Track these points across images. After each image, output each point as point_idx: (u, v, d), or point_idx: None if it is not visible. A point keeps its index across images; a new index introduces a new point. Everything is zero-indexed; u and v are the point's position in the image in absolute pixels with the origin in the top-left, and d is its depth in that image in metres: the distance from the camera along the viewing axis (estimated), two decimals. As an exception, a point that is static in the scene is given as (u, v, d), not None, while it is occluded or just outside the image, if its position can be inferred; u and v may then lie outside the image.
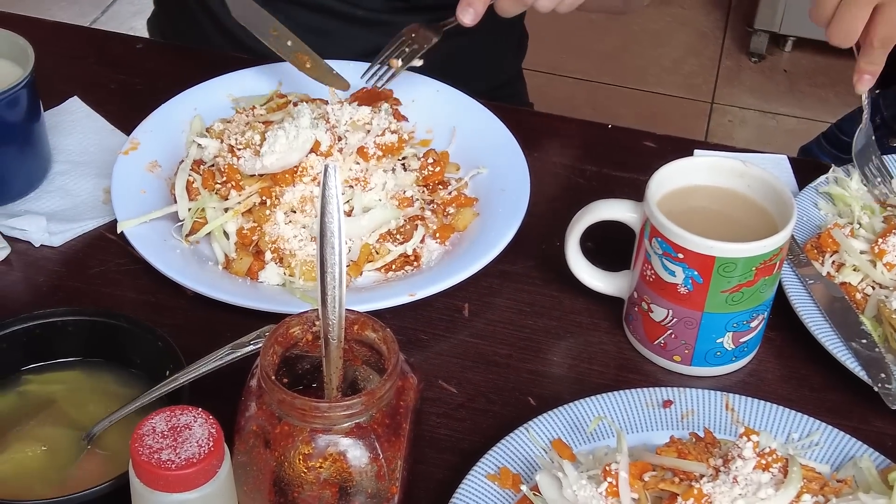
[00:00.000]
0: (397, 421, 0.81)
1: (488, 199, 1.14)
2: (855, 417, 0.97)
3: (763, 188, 0.98)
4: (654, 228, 0.94)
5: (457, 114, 1.23)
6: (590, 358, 1.02)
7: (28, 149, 1.12)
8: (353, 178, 1.07)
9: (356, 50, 1.33)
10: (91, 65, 1.32)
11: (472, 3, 1.12)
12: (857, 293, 1.03)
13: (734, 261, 0.92)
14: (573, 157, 1.24)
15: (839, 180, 1.12)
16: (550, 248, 1.11)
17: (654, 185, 0.97)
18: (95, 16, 3.27)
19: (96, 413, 0.89)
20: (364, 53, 1.26)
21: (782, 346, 1.03)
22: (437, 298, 1.04)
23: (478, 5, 1.13)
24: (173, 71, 1.31)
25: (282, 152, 1.03)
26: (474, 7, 1.13)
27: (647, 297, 0.98)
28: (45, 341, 0.92)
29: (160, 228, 1.07)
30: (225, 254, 1.06)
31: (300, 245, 1.04)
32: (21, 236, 1.09)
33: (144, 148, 1.14)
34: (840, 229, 1.05)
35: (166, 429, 0.73)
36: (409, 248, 1.07)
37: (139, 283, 1.06)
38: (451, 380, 1.00)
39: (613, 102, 3.11)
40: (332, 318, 0.80)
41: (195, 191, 1.08)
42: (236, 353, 0.88)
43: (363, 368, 0.87)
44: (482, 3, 1.13)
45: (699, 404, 0.93)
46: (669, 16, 3.41)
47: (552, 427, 0.91)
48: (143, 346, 0.91)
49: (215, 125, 1.13)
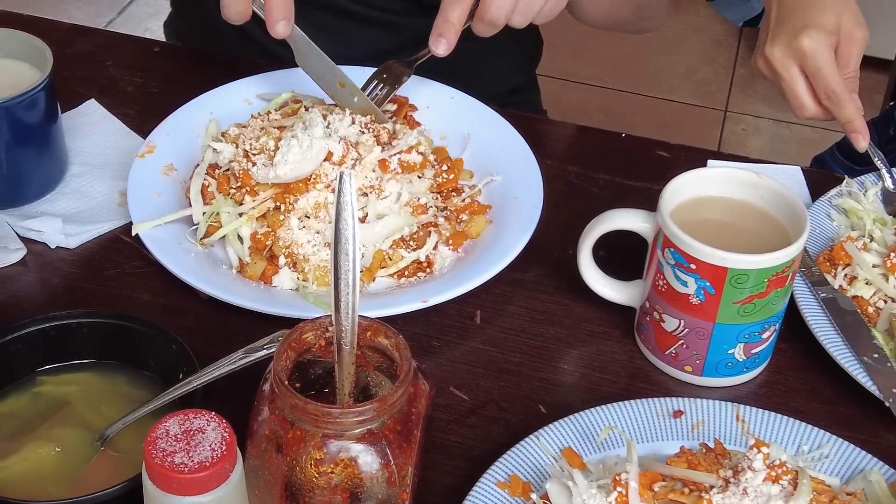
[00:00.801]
0: (409, 427, 0.81)
1: (502, 206, 1.14)
2: (865, 430, 0.97)
3: (776, 200, 0.98)
4: (666, 239, 0.95)
5: (471, 121, 1.23)
6: (601, 367, 1.03)
7: (45, 151, 1.13)
8: (367, 185, 1.08)
9: (372, 51, 1.33)
10: (108, 67, 1.33)
11: (443, 33, 1.11)
12: (869, 307, 1.03)
13: (746, 272, 0.92)
14: (586, 165, 1.24)
15: (852, 193, 1.12)
16: (563, 256, 1.11)
17: (668, 196, 0.97)
18: (111, 16, 3.28)
19: (110, 415, 0.90)
20: (380, 55, 1.26)
21: (794, 358, 1.03)
22: (450, 305, 1.05)
23: (449, 35, 1.11)
24: (190, 74, 1.32)
25: (295, 162, 1.04)
26: (446, 38, 1.11)
27: (658, 306, 0.98)
28: (60, 343, 0.93)
29: (175, 231, 1.08)
30: (239, 258, 1.06)
31: (314, 250, 1.05)
32: (37, 238, 1.09)
33: (160, 151, 1.15)
34: (852, 242, 1.05)
35: (179, 432, 0.74)
36: (422, 254, 1.07)
37: (153, 286, 1.07)
38: (463, 387, 1.00)
39: (627, 109, 3.12)
40: (345, 324, 0.81)
41: (210, 195, 1.09)
42: (249, 357, 0.88)
43: (375, 374, 0.87)
44: (453, 33, 1.11)
45: (710, 415, 0.94)
46: (684, 23, 3.41)
47: (563, 435, 0.91)
48: (157, 349, 0.92)
49: (230, 130, 1.13)
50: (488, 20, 1.10)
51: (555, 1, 1.13)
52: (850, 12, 1.12)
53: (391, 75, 1.21)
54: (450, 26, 1.11)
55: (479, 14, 1.10)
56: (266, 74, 1.26)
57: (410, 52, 1.22)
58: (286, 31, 1.10)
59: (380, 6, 1.40)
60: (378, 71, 1.22)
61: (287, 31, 1.10)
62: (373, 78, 1.21)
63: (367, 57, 1.28)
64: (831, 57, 1.10)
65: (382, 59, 1.25)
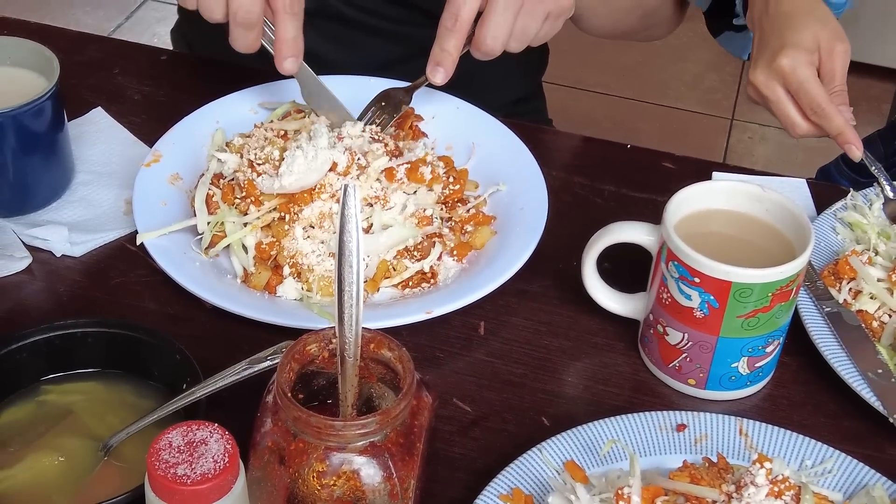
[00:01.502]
0: (411, 440, 0.81)
1: (506, 217, 1.14)
2: (869, 445, 0.97)
3: (781, 213, 0.98)
4: (670, 252, 0.95)
5: (476, 131, 1.23)
6: (605, 379, 1.03)
7: (52, 159, 1.13)
8: (373, 195, 1.08)
9: (379, 60, 1.34)
10: (115, 75, 1.34)
11: (440, 62, 1.12)
12: (873, 321, 1.03)
13: (750, 286, 0.92)
14: (592, 176, 1.24)
15: (857, 206, 1.12)
16: (567, 267, 1.11)
17: (672, 209, 0.97)
18: (119, 21, 3.29)
19: (114, 424, 0.90)
20: (386, 63, 1.26)
21: (798, 372, 1.03)
22: (454, 316, 1.05)
23: (446, 65, 1.12)
24: (197, 83, 1.32)
25: (300, 173, 1.04)
26: (443, 67, 1.12)
27: (662, 319, 0.98)
28: (64, 352, 0.93)
29: (180, 241, 1.08)
30: (243, 267, 1.07)
31: (318, 260, 1.05)
32: (43, 246, 1.10)
33: (166, 160, 1.15)
34: (857, 256, 1.05)
35: (182, 443, 0.74)
36: (426, 265, 1.07)
37: (159, 295, 1.07)
38: (466, 398, 1.00)
39: (633, 117, 3.11)
40: (348, 337, 0.81)
41: (215, 204, 1.09)
42: (253, 368, 0.88)
43: (378, 386, 0.87)
44: (451, 62, 1.12)
45: (713, 429, 0.94)
46: (691, 31, 3.38)
47: (565, 448, 0.91)
48: (161, 359, 0.92)
49: (235, 140, 1.14)
50: (484, 51, 1.12)
51: (551, 23, 1.14)
52: (827, 28, 1.13)
53: (390, 103, 1.20)
54: (447, 56, 1.11)
55: (476, 44, 1.11)
56: (273, 84, 1.26)
57: (416, 62, 1.22)
58: (294, 69, 1.11)
59: (382, 14, 1.41)
60: (377, 98, 1.21)
61: (295, 68, 1.11)
62: (371, 105, 1.20)
63: (373, 66, 1.28)
64: (812, 73, 1.11)
65: (388, 68, 1.25)
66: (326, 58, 1.44)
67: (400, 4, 1.39)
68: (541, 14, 1.12)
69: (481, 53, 1.12)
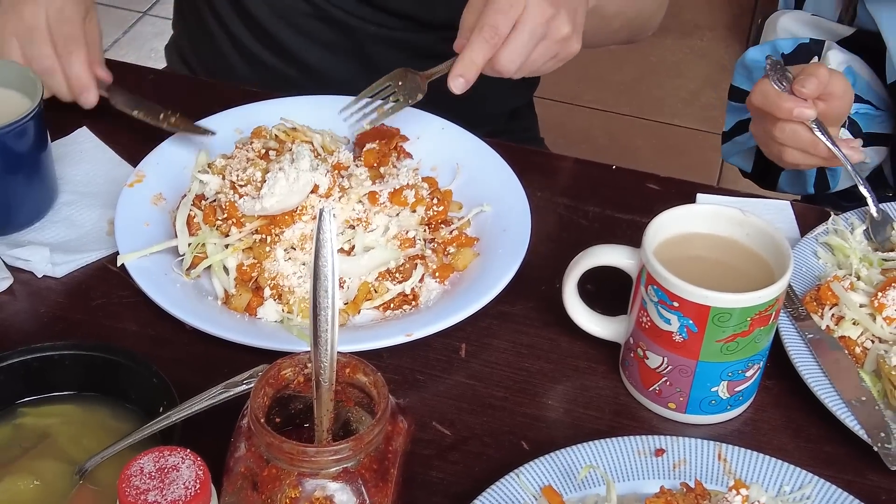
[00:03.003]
0: (385, 466, 0.81)
1: (489, 238, 1.14)
2: (850, 470, 0.97)
3: (761, 238, 0.98)
4: (649, 276, 0.95)
5: (461, 151, 1.23)
6: (585, 402, 1.02)
7: (35, 179, 1.13)
8: (355, 217, 1.08)
9: (381, 68, 1.34)
10: (102, 95, 1.33)
11: (464, 73, 1.13)
12: (856, 347, 1.02)
13: (729, 311, 0.92)
14: (576, 197, 1.24)
15: (839, 231, 1.12)
16: (550, 289, 1.11)
17: (652, 233, 0.97)
18: (117, 36, 3.30)
19: (90, 447, 0.90)
20: (387, 70, 1.25)
21: (779, 395, 1.03)
22: (435, 338, 1.05)
23: (469, 75, 1.13)
24: (182, 103, 1.32)
25: (282, 195, 1.04)
26: (465, 77, 1.13)
27: (642, 343, 0.98)
28: (42, 374, 0.93)
29: (161, 262, 1.08)
30: (224, 289, 1.06)
31: (299, 282, 1.05)
32: (24, 266, 1.10)
33: (150, 180, 1.15)
34: (839, 282, 1.05)
35: (154, 469, 0.74)
36: (407, 287, 1.07)
37: (140, 316, 1.07)
38: (446, 421, 1.00)
39: (630, 133, 3.11)
40: (323, 361, 0.81)
41: (196, 226, 1.09)
42: (229, 392, 0.88)
43: (356, 409, 0.87)
44: (474, 72, 1.13)
45: (691, 454, 0.93)
46: (688, 47, 3.41)
47: (543, 473, 0.91)
48: (138, 381, 0.92)
49: (217, 161, 1.14)
50: (497, 70, 1.14)
51: (553, 63, 1.17)
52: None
53: (406, 86, 1.19)
54: (473, 66, 1.13)
55: (492, 62, 1.13)
56: (258, 104, 1.26)
57: (416, 66, 1.21)
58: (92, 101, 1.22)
59: (375, 21, 1.41)
60: (394, 75, 1.19)
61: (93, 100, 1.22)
62: (388, 81, 1.19)
63: (375, 72, 1.27)
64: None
65: (377, 72, 1.24)
66: (319, 64, 1.44)
67: (392, 14, 1.40)
68: (551, 52, 1.15)
69: (493, 72, 1.14)
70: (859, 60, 1.29)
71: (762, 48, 1.34)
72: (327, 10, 1.41)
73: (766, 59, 1.16)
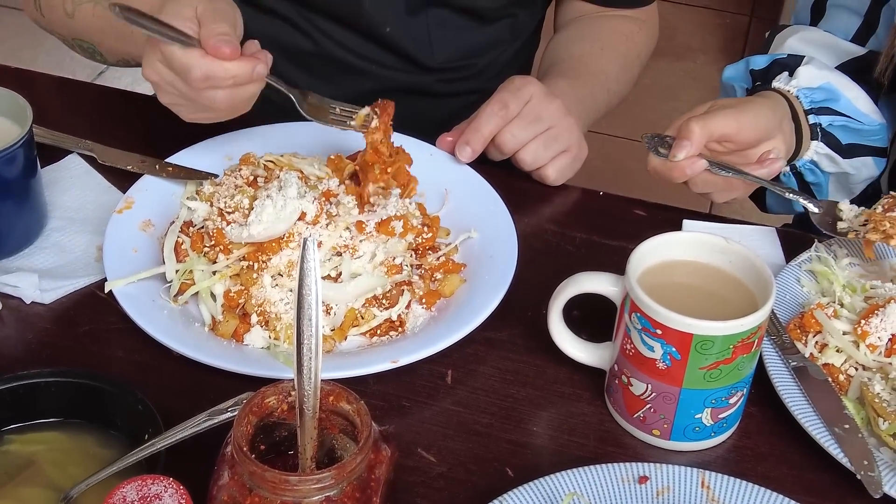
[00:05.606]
0: (368, 494, 0.81)
1: (476, 265, 1.14)
2: (833, 498, 0.97)
3: (744, 265, 0.99)
4: (633, 303, 0.95)
5: (449, 178, 1.24)
6: (570, 429, 1.03)
7: (24, 206, 1.14)
8: (342, 244, 1.08)
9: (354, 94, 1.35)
10: (93, 121, 1.34)
11: (471, 142, 1.21)
12: (840, 374, 1.03)
13: (712, 338, 0.92)
14: (563, 223, 1.25)
15: (822, 258, 1.13)
16: (537, 315, 1.11)
17: (635, 260, 0.98)
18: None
19: (76, 474, 0.90)
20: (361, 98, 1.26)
21: (763, 422, 1.03)
22: (421, 364, 1.05)
23: (475, 145, 1.21)
24: (172, 129, 1.32)
25: (269, 222, 1.05)
26: (472, 147, 1.21)
27: (626, 370, 0.98)
28: (28, 401, 0.94)
29: (149, 288, 1.09)
30: (212, 315, 1.07)
31: (286, 309, 1.05)
32: (13, 293, 1.10)
33: (139, 207, 1.16)
34: (822, 310, 1.05)
35: (136, 498, 0.75)
36: (394, 313, 1.08)
37: (127, 342, 1.07)
38: (431, 448, 1.00)
39: (623, 155, 3.12)
40: (307, 390, 0.81)
41: (184, 252, 1.09)
42: (213, 420, 0.89)
43: (340, 437, 0.87)
44: (481, 143, 1.21)
45: (675, 481, 0.93)
46: (682, 70, 3.42)
47: (526, 501, 0.91)
48: (124, 409, 0.93)
49: (205, 188, 1.14)
50: (498, 142, 1.22)
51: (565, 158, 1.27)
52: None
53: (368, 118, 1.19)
54: (479, 137, 1.22)
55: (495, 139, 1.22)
56: (248, 130, 1.27)
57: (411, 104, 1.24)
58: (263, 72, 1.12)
59: (367, 57, 1.42)
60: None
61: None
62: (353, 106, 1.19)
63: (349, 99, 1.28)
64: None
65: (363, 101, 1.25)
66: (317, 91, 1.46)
67: (387, 49, 1.42)
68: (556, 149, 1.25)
69: (494, 146, 1.22)
70: (846, 78, 1.28)
71: (736, 66, 1.35)
72: (330, 50, 1.42)
73: (643, 137, 1.20)
